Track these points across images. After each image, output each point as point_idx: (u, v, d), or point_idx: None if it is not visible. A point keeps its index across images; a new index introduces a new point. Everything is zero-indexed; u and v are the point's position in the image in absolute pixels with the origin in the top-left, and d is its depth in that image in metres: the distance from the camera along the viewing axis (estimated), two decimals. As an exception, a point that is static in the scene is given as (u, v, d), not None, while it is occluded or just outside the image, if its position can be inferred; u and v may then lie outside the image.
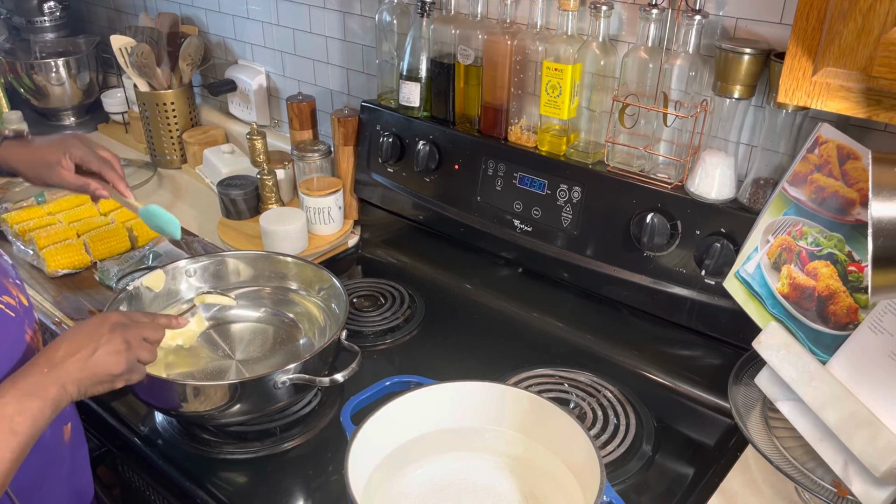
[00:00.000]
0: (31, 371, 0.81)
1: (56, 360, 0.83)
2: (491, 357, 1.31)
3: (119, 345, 0.88)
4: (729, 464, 1.08)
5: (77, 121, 2.27)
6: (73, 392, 0.83)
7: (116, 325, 0.89)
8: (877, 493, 0.91)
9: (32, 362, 0.83)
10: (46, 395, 0.80)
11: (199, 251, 1.57)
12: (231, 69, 1.98)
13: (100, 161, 1.10)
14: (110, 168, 1.11)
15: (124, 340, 0.89)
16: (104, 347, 0.86)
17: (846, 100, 0.75)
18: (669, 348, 1.29)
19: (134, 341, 0.90)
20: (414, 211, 1.56)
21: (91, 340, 0.86)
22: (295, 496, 1.06)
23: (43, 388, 0.80)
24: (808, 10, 0.75)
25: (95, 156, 1.10)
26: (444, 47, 1.41)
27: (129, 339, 0.89)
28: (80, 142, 1.10)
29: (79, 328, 0.88)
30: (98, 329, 0.87)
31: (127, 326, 0.90)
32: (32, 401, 0.78)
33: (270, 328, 1.29)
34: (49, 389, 0.80)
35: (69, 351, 0.84)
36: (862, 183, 0.97)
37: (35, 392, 0.79)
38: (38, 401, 0.79)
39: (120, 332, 0.89)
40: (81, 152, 1.09)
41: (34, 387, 0.80)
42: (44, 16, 2.20)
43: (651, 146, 1.22)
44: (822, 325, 1.01)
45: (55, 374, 0.82)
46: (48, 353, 0.84)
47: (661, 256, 1.22)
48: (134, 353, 0.90)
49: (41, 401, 0.79)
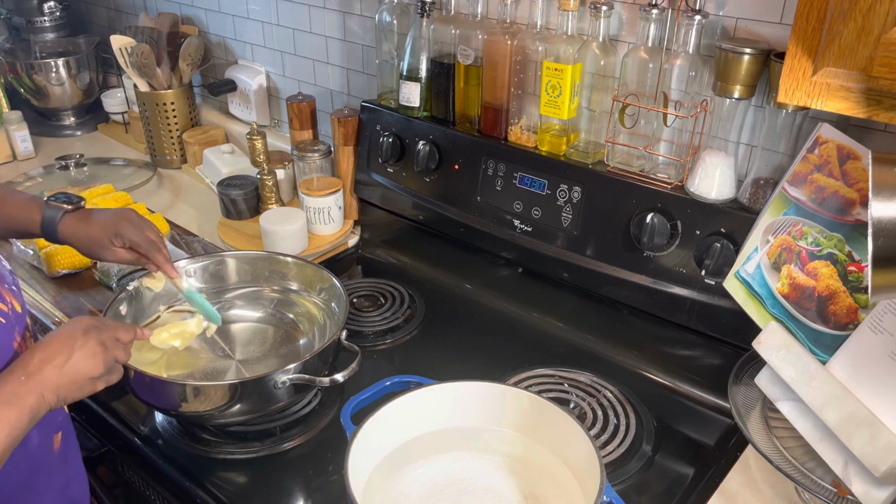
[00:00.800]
0: (8, 380, 0.81)
1: (31, 368, 0.82)
2: (491, 357, 1.31)
3: (95, 346, 0.87)
4: (729, 464, 1.08)
5: (77, 121, 2.27)
6: (52, 400, 0.83)
7: (89, 328, 0.89)
8: (877, 493, 0.91)
9: (9, 371, 0.82)
10: (24, 404, 0.79)
11: (199, 251, 1.57)
12: (231, 69, 1.98)
13: (148, 245, 1.14)
14: (157, 251, 1.15)
15: (99, 342, 0.88)
16: (80, 351, 0.86)
17: (846, 100, 0.75)
18: (669, 348, 1.29)
19: (108, 342, 0.90)
20: (414, 211, 1.56)
21: (66, 346, 0.85)
22: (295, 496, 1.06)
23: (20, 397, 0.79)
24: (808, 10, 0.75)
25: (144, 239, 1.14)
26: (444, 47, 1.41)
27: (104, 340, 0.89)
28: (131, 224, 1.14)
29: (52, 336, 0.87)
30: (72, 334, 0.87)
31: (100, 329, 0.90)
32: (9, 410, 0.78)
33: (270, 328, 1.29)
34: (26, 398, 0.80)
35: (44, 358, 0.83)
36: (862, 183, 0.97)
37: (12, 401, 0.79)
38: (15, 409, 0.78)
39: (94, 334, 0.88)
40: (132, 235, 1.13)
41: (11, 396, 0.79)
42: (44, 16, 2.20)
43: (651, 146, 1.22)
44: (822, 325, 1.01)
45: (32, 383, 0.81)
46: (23, 362, 0.83)
47: (661, 256, 1.22)
48: (110, 353, 0.90)
49: (18, 409, 0.78)
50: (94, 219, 1.14)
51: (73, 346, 0.86)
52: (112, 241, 1.12)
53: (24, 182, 1.89)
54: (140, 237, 1.13)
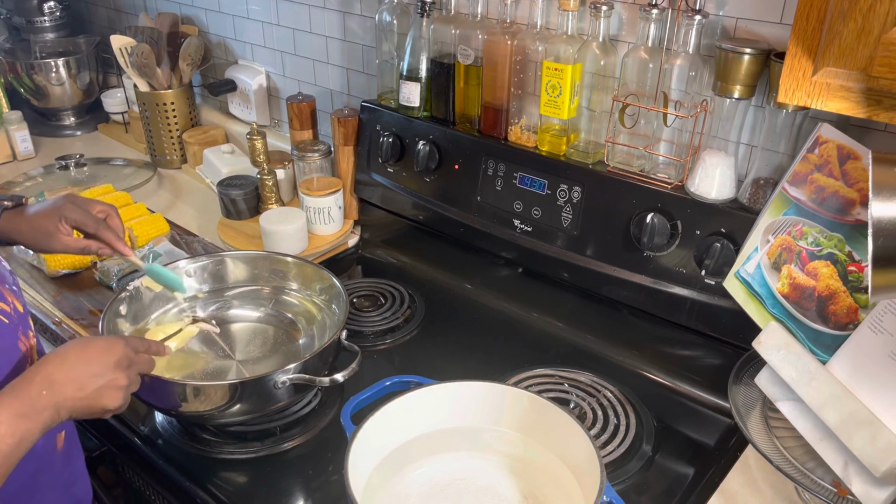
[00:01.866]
0: (28, 390, 0.79)
1: (55, 382, 0.80)
2: (491, 357, 1.31)
3: (121, 381, 0.87)
4: (729, 464, 1.08)
5: (77, 121, 2.27)
6: (65, 416, 0.82)
7: (121, 362, 0.87)
8: (877, 493, 0.91)
9: (29, 379, 0.80)
10: (40, 419, 0.78)
11: (199, 251, 1.57)
12: (231, 69, 1.98)
13: (95, 223, 1.08)
14: (105, 228, 1.09)
15: (127, 377, 0.88)
16: (107, 383, 0.85)
17: (846, 100, 0.75)
18: (669, 348, 1.29)
19: (133, 377, 0.90)
20: (414, 211, 1.56)
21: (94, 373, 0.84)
22: (295, 496, 1.06)
23: (38, 412, 0.78)
24: (808, 10, 0.75)
25: (91, 217, 1.08)
26: (444, 47, 1.41)
27: (130, 375, 0.89)
28: (73, 204, 1.08)
29: (81, 350, 0.85)
30: (104, 361, 0.86)
31: (130, 363, 0.89)
32: (25, 422, 0.77)
33: (270, 328, 1.29)
34: (43, 413, 0.79)
35: (70, 376, 0.82)
36: (862, 183, 0.97)
37: (29, 414, 0.78)
38: (31, 423, 0.77)
39: (124, 370, 0.87)
40: (76, 215, 1.06)
41: (29, 408, 0.78)
42: (44, 16, 2.20)
43: (651, 146, 1.22)
44: (822, 325, 1.01)
45: (52, 397, 0.80)
46: (46, 370, 0.81)
47: (661, 256, 1.22)
48: (131, 389, 0.90)
49: (34, 423, 0.78)
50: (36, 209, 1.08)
51: (102, 375, 0.85)
52: (57, 226, 1.06)
53: (25, 182, 1.89)
54: (84, 216, 1.07)
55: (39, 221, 1.07)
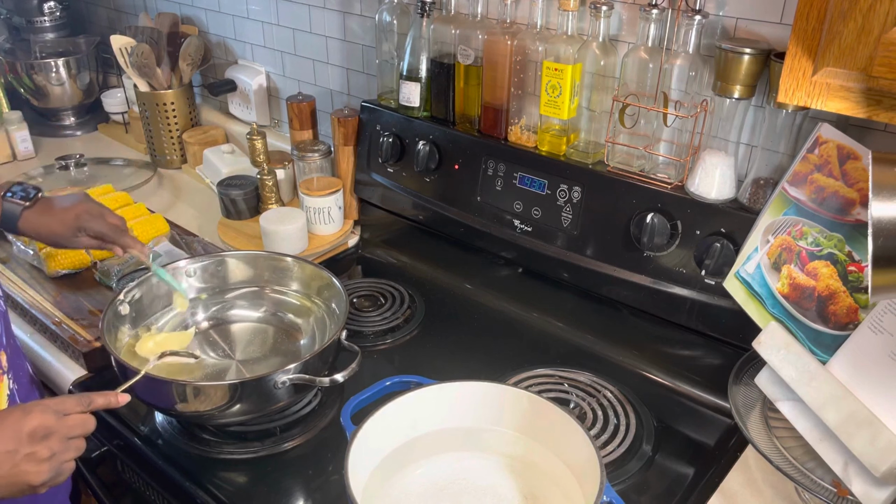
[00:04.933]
0: None
1: None
2: (491, 357, 1.31)
3: (42, 453, 0.79)
4: (729, 464, 1.08)
5: (77, 121, 2.27)
6: None
7: (36, 432, 0.79)
8: (877, 493, 0.91)
9: None
10: None
11: (199, 251, 1.57)
12: (231, 69, 1.98)
13: (113, 233, 1.17)
14: (122, 235, 1.19)
15: (47, 447, 0.80)
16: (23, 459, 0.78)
17: (846, 100, 0.75)
18: (669, 348, 1.29)
19: (58, 446, 0.81)
20: (414, 211, 1.56)
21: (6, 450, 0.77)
22: (295, 496, 1.06)
23: None
24: (808, 10, 0.75)
25: (108, 227, 1.17)
26: (444, 47, 1.41)
27: (52, 445, 0.80)
28: (90, 215, 1.16)
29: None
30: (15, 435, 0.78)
31: (49, 432, 0.81)
32: None
33: (270, 328, 1.29)
34: None
35: None
36: (862, 183, 0.97)
37: None
38: None
39: (41, 441, 0.80)
40: (96, 227, 1.15)
41: None
42: (44, 16, 2.20)
43: (651, 146, 1.22)
44: (822, 325, 1.01)
45: None
46: None
47: (661, 256, 1.22)
48: (58, 459, 0.81)
49: None
50: (54, 212, 1.15)
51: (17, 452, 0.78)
52: (77, 237, 1.14)
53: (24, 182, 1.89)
54: (104, 226, 1.15)
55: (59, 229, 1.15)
